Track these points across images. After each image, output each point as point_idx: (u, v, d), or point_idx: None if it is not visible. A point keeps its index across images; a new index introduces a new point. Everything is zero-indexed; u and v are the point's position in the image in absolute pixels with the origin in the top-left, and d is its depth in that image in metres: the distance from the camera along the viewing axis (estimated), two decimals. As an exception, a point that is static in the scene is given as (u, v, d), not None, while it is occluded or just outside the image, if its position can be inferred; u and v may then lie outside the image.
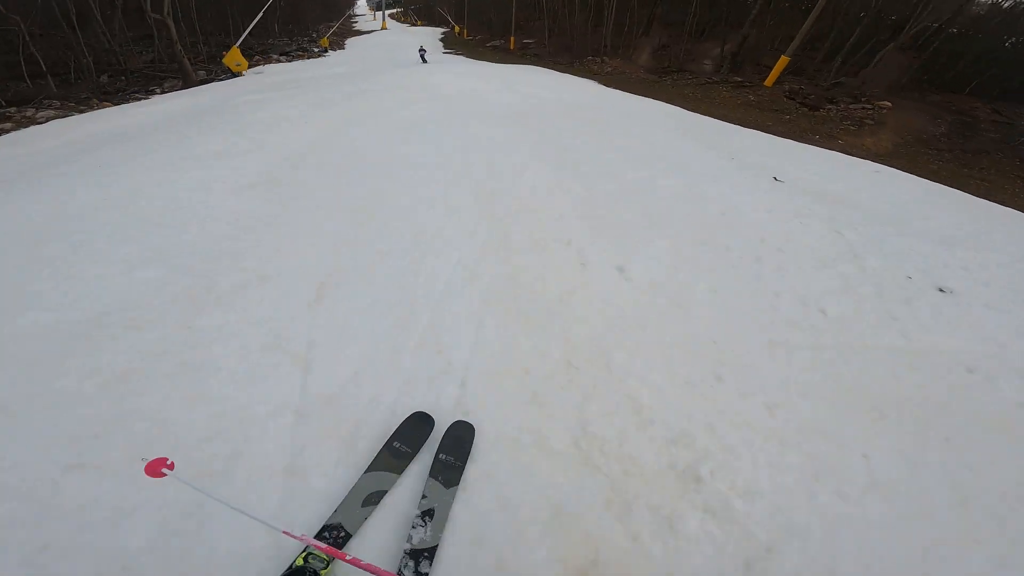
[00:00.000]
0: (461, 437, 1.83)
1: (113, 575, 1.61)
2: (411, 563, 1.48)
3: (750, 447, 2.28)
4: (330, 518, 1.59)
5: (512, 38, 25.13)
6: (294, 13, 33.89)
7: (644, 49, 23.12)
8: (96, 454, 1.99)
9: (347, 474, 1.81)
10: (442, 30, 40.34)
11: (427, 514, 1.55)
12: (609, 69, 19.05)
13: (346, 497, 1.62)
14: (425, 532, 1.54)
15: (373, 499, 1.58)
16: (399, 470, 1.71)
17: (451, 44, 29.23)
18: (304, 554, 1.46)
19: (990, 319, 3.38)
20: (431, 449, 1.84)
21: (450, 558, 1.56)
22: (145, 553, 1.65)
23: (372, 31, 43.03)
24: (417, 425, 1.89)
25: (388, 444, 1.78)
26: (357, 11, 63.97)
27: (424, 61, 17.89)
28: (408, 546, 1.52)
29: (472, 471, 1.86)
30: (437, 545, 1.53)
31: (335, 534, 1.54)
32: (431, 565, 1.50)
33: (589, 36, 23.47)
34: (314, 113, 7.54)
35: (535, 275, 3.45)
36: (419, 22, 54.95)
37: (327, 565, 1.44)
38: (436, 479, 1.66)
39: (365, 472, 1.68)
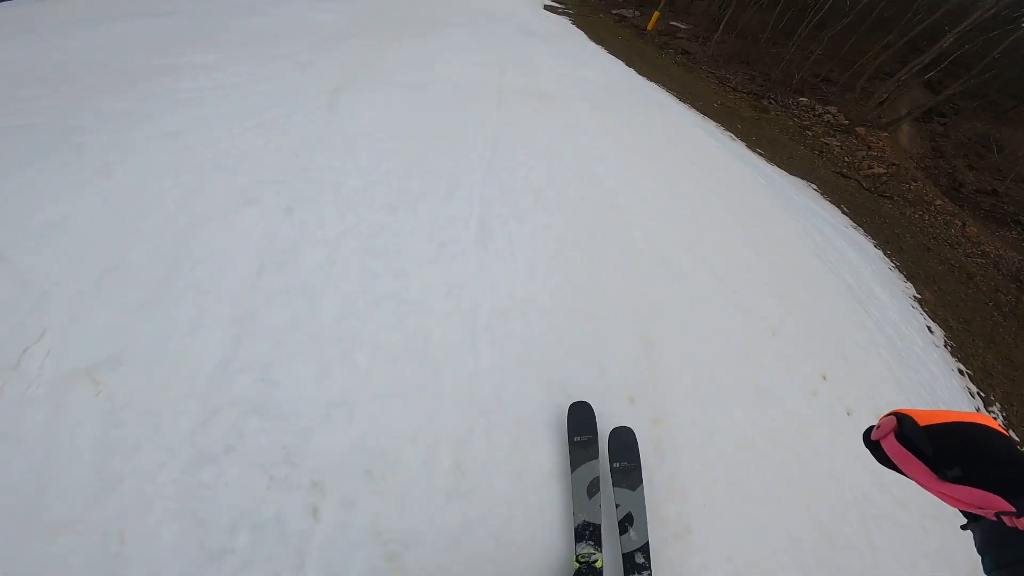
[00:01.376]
0: (626, 442, 1.83)
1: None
2: (632, 562, 1.59)
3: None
4: (578, 513, 1.65)
5: (656, 14, 15.50)
6: None
7: (901, 109, 13.15)
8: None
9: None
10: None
11: (627, 520, 1.63)
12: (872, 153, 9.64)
13: (575, 493, 1.68)
14: (633, 534, 1.62)
15: (593, 489, 1.65)
16: (595, 455, 1.76)
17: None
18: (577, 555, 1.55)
19: None
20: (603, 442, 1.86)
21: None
22: None
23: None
24: (581, 413, 1.89)
25: (571, 440, 1.81)
26: None
27: None
28: (623, 550, 1.62)
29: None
30: (647, 541, 1.63)
31: (590, 532, 1.62)
32: (646, 557, 1.61)
33: (790, 55, 13.64)
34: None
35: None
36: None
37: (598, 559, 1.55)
38: (622, 487, 1.72)
39: (572, 472, 1.72)
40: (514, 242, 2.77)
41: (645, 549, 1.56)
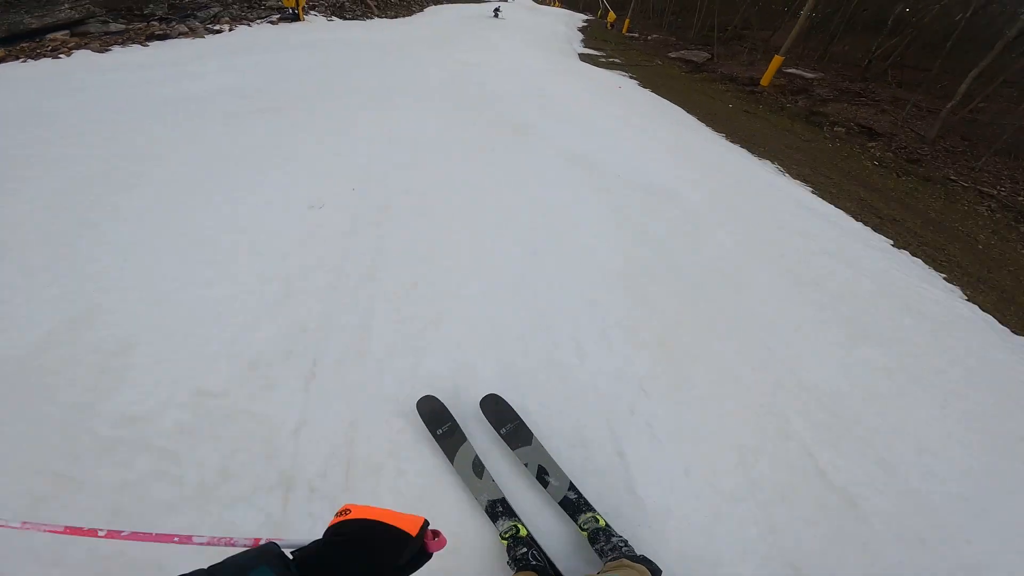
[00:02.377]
0: (497, 407, 1.82)
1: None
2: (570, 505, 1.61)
3: None
4: (479, 497, 1.62)
5: (777, 60, 10.60)
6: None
7: None
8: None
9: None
10: (584, 17, 27.63)
11: (542, 472, 1.64)
12: None
13: (465, 480, 1.64)
14: (554, 480, 1.63)
15: (478, 468, 1.63)
16: (463, 438, 1.73)
17: (599, 39, 16.68)
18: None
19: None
20: (473, 420, 1.85)
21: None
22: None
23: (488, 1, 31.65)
24: (433, 407, 1.84)
25: (434, 435, 1.75)
26: None
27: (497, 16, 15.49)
28: (556, 500, 1.62)
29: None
30: (570, 481, 1.65)
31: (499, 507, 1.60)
32: (578, 491, 1.64)
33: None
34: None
35: None
36: (555, 3, 42.67)
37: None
38: (519, 447, 1.71)
39: (452, 463, 1.68)
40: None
41: (573, 487, 1.62)
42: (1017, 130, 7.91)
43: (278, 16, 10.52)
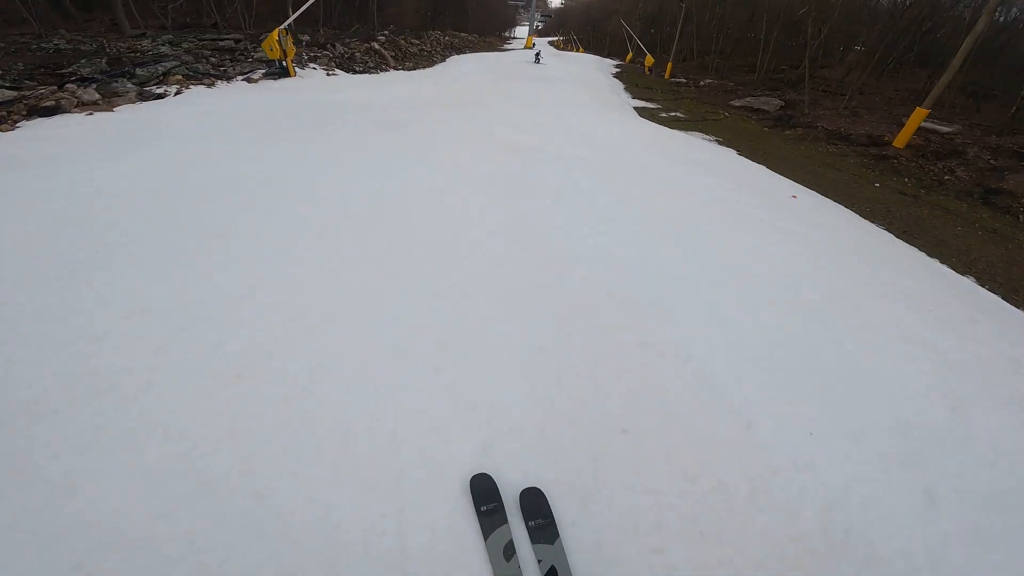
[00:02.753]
0: (535, 503, 1.77)
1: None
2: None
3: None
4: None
5: (920, 114, 7.67)
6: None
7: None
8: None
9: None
10: (614, 63, 25.92)
11: (551, 573, 1.61)
12: None
13: (492, 558, 1.62)
14: None
15: (509, 552, 1.64)
16: (504, 520, 1.71)
17: (641, 86, 14.50)
18: None
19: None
20: (512, 510, 1.74)
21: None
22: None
23: (512, 48, 30.58)
24: (483, 484, 1.79)
25: (478, 511, 1.72)
26: (517, 32, 63.19)
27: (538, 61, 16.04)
28: None
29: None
30: None
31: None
32: None
33: None
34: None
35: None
36: (580, 49, 41.89)
37: None
38: (540, 543, 1.70)
39: (486, 540, 1.66)
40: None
41: None
42: None
43: (263, 71, 8.55)
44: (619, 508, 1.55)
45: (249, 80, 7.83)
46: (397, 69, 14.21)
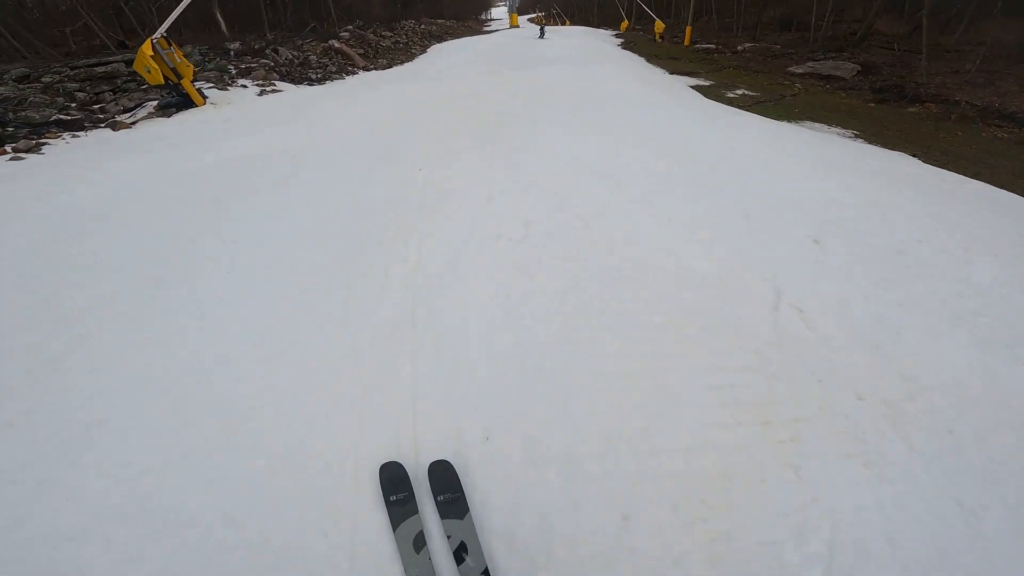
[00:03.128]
0: (444, 476, 1.80)
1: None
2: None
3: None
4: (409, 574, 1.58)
5: None
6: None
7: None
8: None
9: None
10: (609, 33, 22.72)
11: (461, 549, 1.62)
12: None
13: (402, 551, 1.61)
14: (470, 560, 1.60)
15: (419, 543, 1.61)
16: (414, 510, 1.72)
17: (660, 56, 11.62)
18: None
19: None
20: (422, 490, 1.77)
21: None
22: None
23: (494, 30, 27.38)
24: (394, 473, 1.83)
25: (387, 500, 1.74)
26: (494, 14, 59.75)
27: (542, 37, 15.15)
28: None
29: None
30: (486, 566, 1.59)
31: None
32: None
33: None
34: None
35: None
36: (567, 22, 38.47)
37: None
38: (449, 518, 1.71)
39: (395, 531, 1.65)
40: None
41: (486, 573, 1.59)
42: None
43: (157, 103, 5.91)
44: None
45: (116, 126, 5.19)
46: (368, 69, 11.43)
